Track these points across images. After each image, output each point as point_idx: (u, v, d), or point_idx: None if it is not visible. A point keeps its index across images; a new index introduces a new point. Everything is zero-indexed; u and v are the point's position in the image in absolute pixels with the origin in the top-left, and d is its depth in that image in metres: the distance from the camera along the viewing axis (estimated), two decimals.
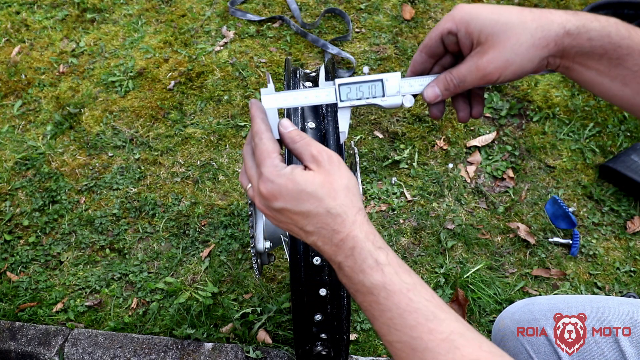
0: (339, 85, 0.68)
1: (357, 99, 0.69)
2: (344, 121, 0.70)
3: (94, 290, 1.63)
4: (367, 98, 0.69)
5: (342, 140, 0.73)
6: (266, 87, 0.69)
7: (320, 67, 0.71)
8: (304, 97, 0.68)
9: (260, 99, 0.69)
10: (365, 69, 0.75)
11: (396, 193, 1.78)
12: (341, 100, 0.69)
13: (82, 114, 2.08)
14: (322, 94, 0.69)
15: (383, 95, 0.69)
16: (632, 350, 0.79)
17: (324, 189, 0.58)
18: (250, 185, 0.64)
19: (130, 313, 1.57)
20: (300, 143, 0.63)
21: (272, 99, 0.68)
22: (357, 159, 1.21)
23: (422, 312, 0.55)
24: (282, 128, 0.65)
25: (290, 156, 0.79)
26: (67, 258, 1.70)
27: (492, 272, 1.60)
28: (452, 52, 0.66)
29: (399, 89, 0.68)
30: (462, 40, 0.63)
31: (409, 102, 0.69)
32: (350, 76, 2.11)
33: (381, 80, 0.68)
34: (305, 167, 0.61)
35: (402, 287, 0.56)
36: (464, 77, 0.63)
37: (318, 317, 1.00)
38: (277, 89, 0.75)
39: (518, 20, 0.59)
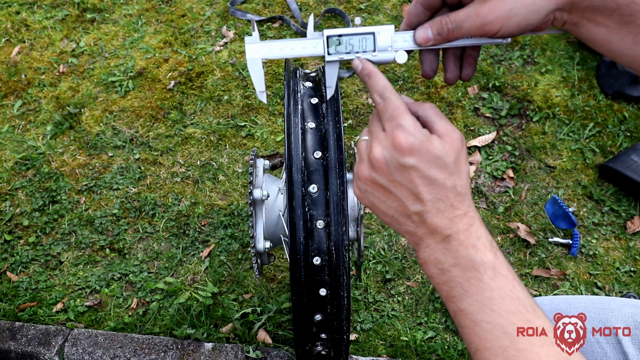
0: (327, 36, 0.63)
1: (346, 53, 0.64)
2: (331, 76, 0.66)
3: (94, 290, 1.63)
4: (357, 52, 0.64)
5: (329, 96, 0.69)
6: (250, 35, 0.64)
7: (310, 17, 0.69)
8: (290, 47, 0.64)
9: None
10: (357, 20, 0.69)
11: None
12: (329, 54, 0.64)
13: (82, 114, 2.08)
14: (310, 45, 0.64)
15: (374, 50, 0.65)
16: (634, 352, 0.78)
17: (455, 165, 0.57)
18: (365, 138, 0.61)
19: (130, 313, 1.57)
20: (432, 111, 0.60)
21: (256, 48, 0.64)
22: (358, 159, 1.21)
23: (523, 301, 0.55)
24: (406, 98, 0.62)
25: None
26: (67, 258, 1.70)
27: None
28: (450, 4, 0.62)
29: (392, 44, 0.64)
30: None
31: (401, 59, 0.65)
32: (350, 76, 2.11)
33: (373, 33, 0.64)
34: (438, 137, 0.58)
35: (508, 273, 0.56)
36: (461, 22, 0.59)
37: (318, 317, 1.00)
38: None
39: None
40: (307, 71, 1.11)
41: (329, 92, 0.67)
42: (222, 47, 2.26)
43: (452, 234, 0.57)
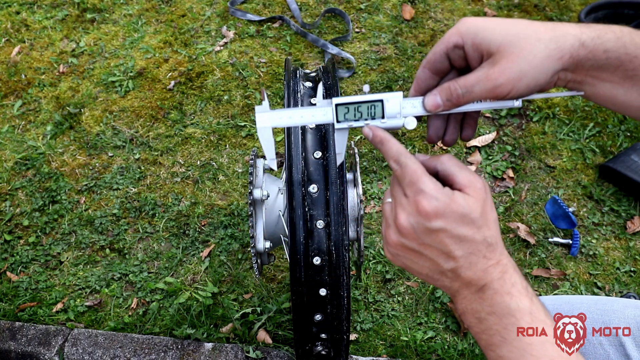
0: (336, 105, 0.64)
1: (355, 120, 0.65)
2: (340, 143, 0.67)
3: (94, 290, 1.63)
4: (366, 119, 0.65)
5: (339, 163, 0.70)
6: (261, 104, 0.66)
7: (319, 86, 0.69)
8: (299, 116, 0.65)
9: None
10: (366, 87, 0.70)
11: None
12: (338, 121, 0.65)
13: (82, 114, 2.08)
14: (319, 113, 0.65)
15: (383, 117, 0.64)
16: (637, 354, 0.78)
17: (482, 218, 0.57)
18: (389, 200, 0.62)
19: (130, 313, 1.57)
20: (450, 163, 0.59)
21: (266, 118, 0.66)
22: (357, 159, 1.21)
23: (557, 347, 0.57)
24: (421, 157, 0.62)
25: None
26: (67, 258, 1.70)
27: None
28: (458, 67, 0.63)
29: (400, 110, 0.64)
30: (470, 53, 0.60)
31: (411, 125, 0.64)
32: (350, 76, 2.11)
33: (381, 100, 0.64)
34: (460, 191, 0.58)
35: (546, 318, 0.57)
36: (471, 86, 0.59)
37: (318, 317, 1.00)
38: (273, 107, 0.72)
39: (531, 31, 0.57)
40: (307, 71, 1.11)
41: (339, 159, 0.68)
42: (222, 47, 2.26)
43: (486, 284, 0.57)
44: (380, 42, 2.24)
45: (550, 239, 1.64)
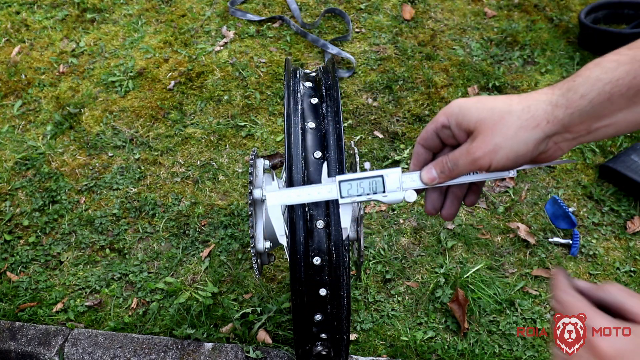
0: (340, 182, 0.69)
1: (358, 195, 0.69)
2: (345, 216, 0.71)
3: (94, 290, 1.63)
4: (368, 194, 0.69)
5: (344, 236, 0.73)
6: (270, 184, 0.70)
7: (324, 166, 0.73)
8: (307, 194, 0.70)
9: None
10: (367, 164, 0.75)
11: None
12: (342, 197, 0.69)
13: (82, 114, 2.08)
14: (324, 190, 0.70)
15: (384, 191, 0.69)
16: None
17: None
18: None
19: (130, 313, 1.57)
20: (619, 294, 0.52)
21: (276, 197, 0.70)
22: (357, 159, 1.21)
23: None
24: (582, 284, 0.56)
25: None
26: (67, 258, 1.70)
27: (492, 272, 1.60)
28: (450, 145, 0.66)
29: (400, 185, 0.68)
30: (456, 133, 0.63)
31: (411, 198, 0.68)
32: (350, 76, 2.11)
33: (382, 176, 0.68)
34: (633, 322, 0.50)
35: None
36: (456, 160, 0.62)
37: (318, 317, 1.00)
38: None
39: (504, 104, 0.59)
40: (307, 71, 1.11)
41: (345, 233, 0.72)
42: (222, 47, 2.26)
43: None
44: (380, 42, 2.24)
45: (550, 239, 1.64)
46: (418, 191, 0.69)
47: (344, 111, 2.01)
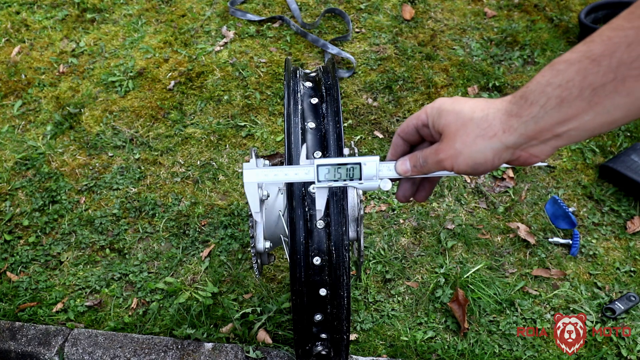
0: (318, 165, 0.69)
1: (334, 180, 0.70)
2: (321, 199, 0.72)
3: (94, 290, 1.63)
4: (345, 180, 0.69)
5: (319, 217, 0.73)
6: (248, 162, 0.70)
7: (303, 147, 0.73)
8: (283, 174, 0.70)
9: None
10: (346, 150, 0.76)
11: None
12: (319, 181, 0.70)
13: (82, 114, 2.08)
14: (302, 172, 0.70)
15: (360, 179, 0.69)
16: None
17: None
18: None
19: (130, 313, 1.57)
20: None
21: (252, 174, 0.71)
22: None
23: None
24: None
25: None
26: (67, 258, 1.70)
27: (492, 272, 1.60)
28: (429, 140, 0.68)
29: (377, 173, 0.69)
30: (433, 133, 0.65)
31: (386, 186, 0.70)
32: (350, 76, 2.11)
33: (359, 164, 0.69)
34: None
35: None
36: (426, 157, 0.64)
37: (318, 317, 1.00)
38: (258, 159, 0.75)
39: (469, 110, 0.59)
40: (307, 71, 1.11)
41: (319, 214, 0.73)
42: (222, 47, 2.26)
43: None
44: (380, 42, 2.24)
45: (550, 239, 1.64)
46: (392, 180, 0.70)
47: (344, 111, 2.01)
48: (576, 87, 0.51)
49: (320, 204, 0.72)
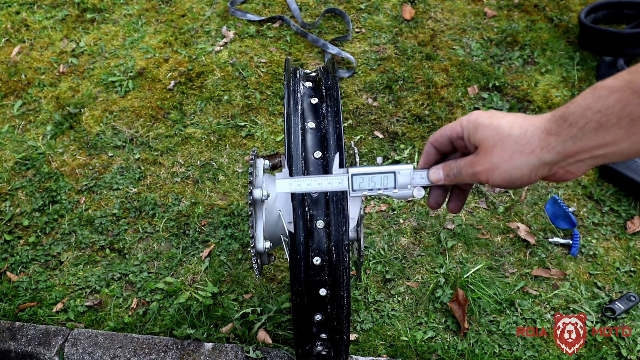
0: (352, 175, 0.70)
1: (369, 189, 0.70)
2: (354, 208, 0.73)
3: (94, 290, 1.63)
4: (379, 189, 0.70)
5: (351, 226, 0.74)
6: (281, 171, 0.71)
7: (335, 156, 0.74)
8: (317, 183, 0.70)
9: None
10: (379, 159, 0.77)
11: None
12: (353, 190, 0.70)
13: (82, 114, 2.08)
14: (335, 181, 0.70)
15: (395, 187, 0.70)
16: None
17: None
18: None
19: (130, 313, 1.57)
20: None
21: (286, 184, 0.71)
22: (357, 159, 1.21)
23: None
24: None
25: None
26: (67, 258, 1.70)
27: (492, 272, 1.60)
28: (461, 150, 0.69)
29: (410, 182, 0.70)
30: (468, 145, 0.66)
31: (419, 195, 0.70)
32: (350, 76, 2.11)
33: (394, 172, 0.70)
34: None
35: None
36: (461, 168, 0.65)
37: (318, 317, 1.00)
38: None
39: (507, 126, 0.60)
40: (307, 71, 1.11)
41: (352, 223, 0.74)
42: (222, 47, 2.26)
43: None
44: (380, 42, 2.24)
45: (550, 239, 1.64)
46: (424, 188, 0.71)
47: (344, 111, 2.01)
48: (615, 115, 0.52)
49: (354, 212, 0.72)
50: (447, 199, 0.74)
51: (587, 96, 0.54)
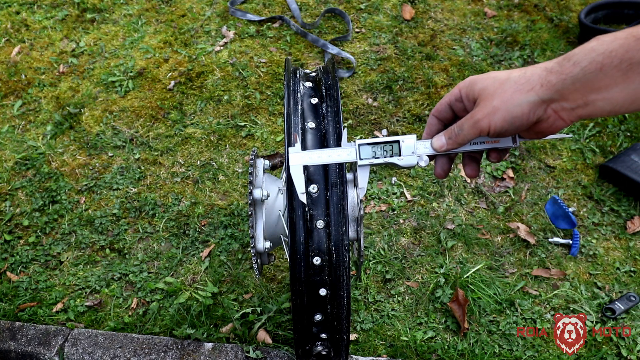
0: (359, 145, 0.74)
1: (375, 158, 0.74)
2: (363, 178, 0.76)
3: (94, 290, 1.63)
4: (385, 157, 0.74)
5: (361, 196, 0.78)
6: (293, 146, 0.76)
7: (344, 131, 0.79)
8: (327, 155, 0.75)
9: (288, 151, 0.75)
10: (384, 132, 0.83)
11: (396, 193, 1.78)
12: (361, 159, 0.74)
13: (82, 114, 2.08)
14: (344, 153, 0.74)
15: (400, 155, 0.74)
16: None
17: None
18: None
19: (130, 313, 1.57)
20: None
21: (298, 157, 0.75)
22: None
23: None
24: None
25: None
26: (67, 258, 1.70)
27: (492, 272, 1.60)
28: (462, 117, 0.71)
29: (414, 150, 0.73)
30: (467, 104, 0.69)
31: (424, 162, 0.74)
32: (350, 76, 2.11)
33: (398, 141, 0.74)
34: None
35: None
36: (462, 124, 0.68)
37: (318, 317, 1.00)
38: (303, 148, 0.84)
39: (505, 74, 0.64)
40: (307, 71, 1.11)
41: (361, 193, 0.77)
42: (222, 47, 2.26)
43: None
44: (380, 42, 2.24)
45: (550, 239, 1.64)
46: (430, 157, 0.74)
47: (344, 111, 2.01)
48: (617, 57, 0.56)
49: (363, 182, 0.76)
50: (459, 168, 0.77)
51: (592, 42, 0.59)
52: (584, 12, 2.16)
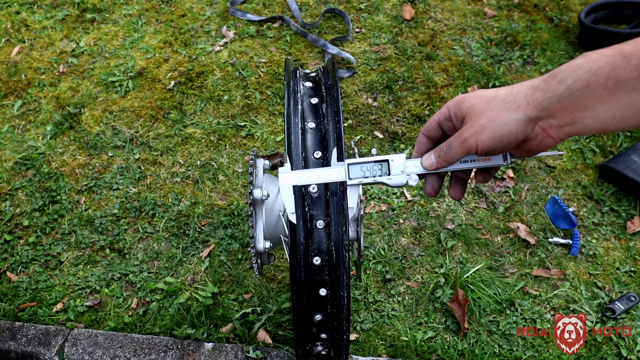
0: (348, 164, 0.75)
1: (365, 177, 0.74)
2: (352, 197, 0.76)
3: (94, 290, 1.63)
4: (374, 177, 0.74)
5: (350, 215, 0.79)
6: (283, 165, 0.76)
7: (333, 150, 0.79)
8: (317, 175, 0.76)
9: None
10: (374, 150, 0.81)
11: (396, 193, 1.78)
12: (350, 178, 0.75)
13: (82, 114, 2.08)
14: (334, 172, 0.75)
15: (389, 174, 0.74)
16: None
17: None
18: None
19: (130, 313, 1.57)
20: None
21: (288, 177, 0.76)
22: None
23: None
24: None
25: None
26: (67, 258, 1.70)
27: (492, 272, 1.60)
28: (450, 135, 0.71)
29: (404, 169, 0.73)
30: (455, 123, 0.69)
31: (413, 181, 0.73)
32: (350, 76, 2.11)
33: (387, 160, 0.74)
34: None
35: None
36: (450, 143, 0.68)
37: (318, 317, 1.00)
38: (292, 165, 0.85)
39: (492, 92, 0.64)
40: (307, 71, 1.11)
41: (350, 213, 0.77)
42: (222, 47, 2.26)
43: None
44: (380, 42, 2.24)
45: (550, 239, 1.64)
46: (420, 176, 0.74)
47: (344, 111, 2.01)
48: (604, 76, 0.55)
49: (352, 201, 0.76)
50: (446, 188, 0.78)
51: (578, 59, 0.58)
52: (584, 12, 2.16)
